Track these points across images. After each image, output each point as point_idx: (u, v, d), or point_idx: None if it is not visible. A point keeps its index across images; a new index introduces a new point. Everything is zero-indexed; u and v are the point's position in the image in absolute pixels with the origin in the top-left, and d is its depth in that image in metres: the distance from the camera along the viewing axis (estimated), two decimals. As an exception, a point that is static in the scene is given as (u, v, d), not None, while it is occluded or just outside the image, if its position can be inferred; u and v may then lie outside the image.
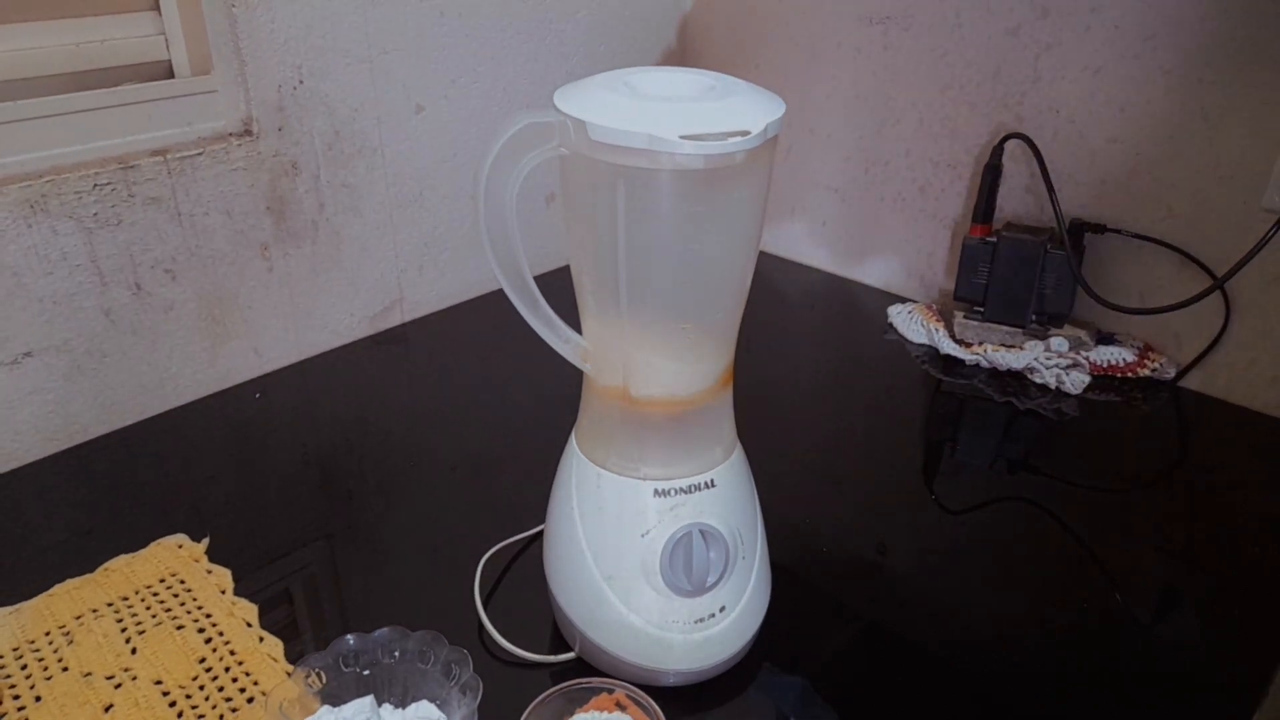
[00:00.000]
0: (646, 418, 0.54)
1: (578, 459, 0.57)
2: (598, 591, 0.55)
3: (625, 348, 0.52)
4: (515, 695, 0.48)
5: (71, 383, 0.79)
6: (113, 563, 0.66)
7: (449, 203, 1.03)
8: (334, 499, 0.75)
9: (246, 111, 0.84)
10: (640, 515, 0.54)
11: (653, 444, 0.54)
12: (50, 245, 0.75)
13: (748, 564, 0.56)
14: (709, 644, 0.55)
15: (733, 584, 0.55)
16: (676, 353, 0.52)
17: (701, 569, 0.53)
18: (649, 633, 0.54)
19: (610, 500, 0.55)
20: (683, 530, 0.53)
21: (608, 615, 0.55)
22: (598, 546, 0.55)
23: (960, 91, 0.99)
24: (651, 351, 0.52)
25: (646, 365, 0.52)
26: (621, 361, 0.53)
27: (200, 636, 0.60)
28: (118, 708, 0.55)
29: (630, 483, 0.54)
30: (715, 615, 0.55)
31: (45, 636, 0.59)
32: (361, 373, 0.94)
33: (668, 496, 0.54)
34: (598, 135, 0.45)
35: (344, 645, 0.53)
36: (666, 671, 0.55)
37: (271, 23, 0.83)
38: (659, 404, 0.53)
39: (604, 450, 0.55)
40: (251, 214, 0.87)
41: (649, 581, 0.54)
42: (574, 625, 0.57)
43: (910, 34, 1.02)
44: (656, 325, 0.51)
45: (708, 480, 0.54)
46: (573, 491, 0.56)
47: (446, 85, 0.98)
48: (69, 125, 0.76)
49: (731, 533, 0.54)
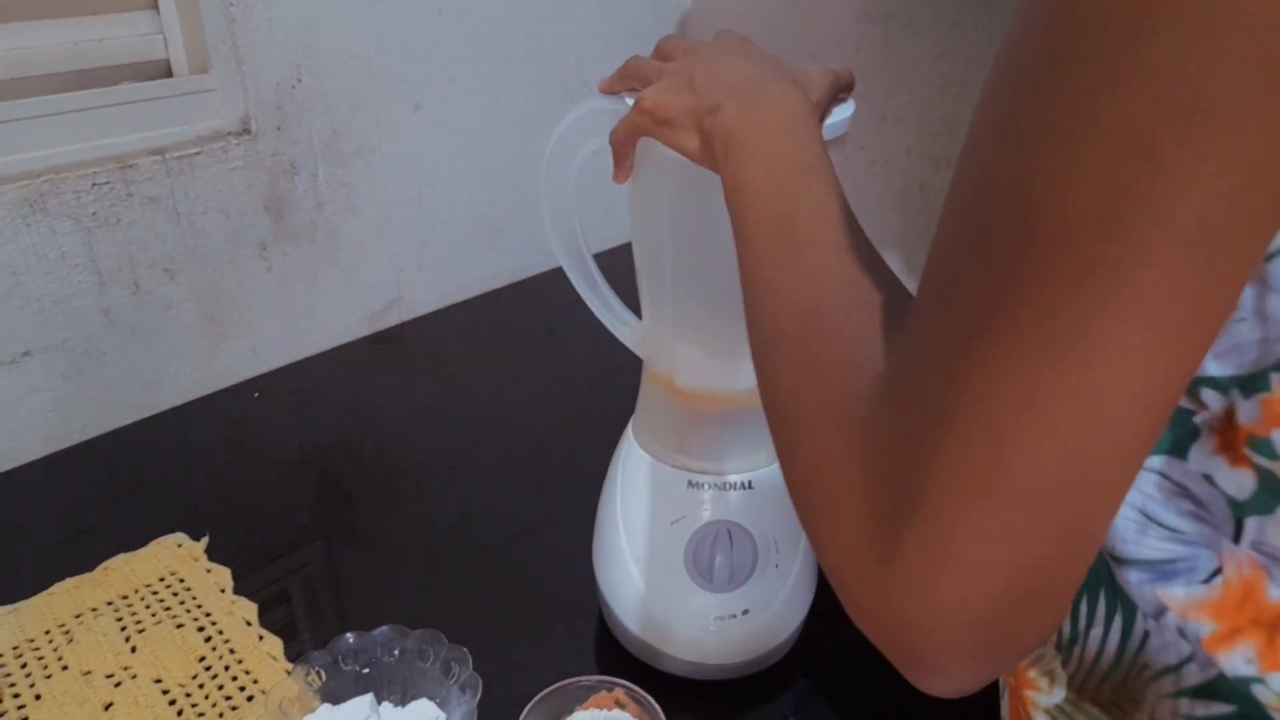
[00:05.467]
0: (688, 409, 0.55)
1: (627, 439, 0.58)
2: (626, 570, 0.56)
3: (671, 338, 0.53)
4: (514, 693, 0.48)
5: (70, 382, 0.79)
6: (112, 562, 0.66)
7: (447, 202, 1.03)
8: (333, 498, 0.75)
9: (245, 111, 0.84)
10: (673, 503, 0.55)
11: (692, 436, 0.55)
12: (49, 245, 0.75)
13: (782, 571, 0.55)
14: (725, 643, 0.55)
15: (759, 588, 0.55)
16: (720, 348, 0.53)
17: (724, 566, 0.54)
18: (666, 619, 0.55)
19: (647, 484, 0.56)
20: (711, 525, 0.54)
21: (632, 595, 0.56)
22: (631, 527, 0.56)
23: (961, 89, 0.99)
24: (696, 344, 0.53)
25: (690, 357, 0.53)
26: (668, 351, 0.54)
27: (200, 635, 0.60)
28: (117, 706, 0.55)
29: (667, 470, 0.55)
30: (736, 616, 0.55)
31: (45, 635, 0.59)
32: (360, 372, 0.94)
33: (701, 490, 0.54)
34: None
35: (343, 643, 0.53)
36: (678, 660, 0.56)
37: (269, 22, 0.83)
38: (701, 397, 0.54)
39: (648, 434, 0.57)
40: (250, 213, 0.87)
41: (672, 570, 0.54)
42: (603, 597, 0.58)
43: (910, 31, 1.02)
44: (701, 318, 0.52)
45: (745, 481, 0.55)
46: (619, 469, 0.58)
47: (445, 84, 0.98)
48: (67, 125, 0.76)
49: (763, 537, 0.55)
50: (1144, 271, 0.22)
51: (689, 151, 0.42)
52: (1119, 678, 0.34)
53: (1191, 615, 0.31)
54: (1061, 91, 0.22)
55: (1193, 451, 0.30)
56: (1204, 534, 0.31)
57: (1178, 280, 0.22)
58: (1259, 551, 0.30)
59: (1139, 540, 0.32)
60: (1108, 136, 0.22)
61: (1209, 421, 0.30)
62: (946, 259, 0.27)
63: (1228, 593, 0.30)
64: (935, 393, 0.26)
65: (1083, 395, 0.23)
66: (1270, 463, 0.29)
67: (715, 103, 0.41)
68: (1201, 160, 0.21)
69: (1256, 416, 0.28)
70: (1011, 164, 0.24)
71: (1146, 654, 0.33)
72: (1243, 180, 0.21)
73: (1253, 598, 0.30)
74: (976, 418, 0.24)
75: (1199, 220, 0.21)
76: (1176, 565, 0.31)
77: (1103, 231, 0.22)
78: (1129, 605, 0.33)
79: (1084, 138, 0.22)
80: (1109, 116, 0.22)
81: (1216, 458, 0.30)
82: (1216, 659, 0.31)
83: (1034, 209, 0.23)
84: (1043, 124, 0.23)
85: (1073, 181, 0.22)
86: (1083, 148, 0.22)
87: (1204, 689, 0.31)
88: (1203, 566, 0.31)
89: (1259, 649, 0.30)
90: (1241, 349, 0.28)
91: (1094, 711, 0.35)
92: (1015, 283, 0.23)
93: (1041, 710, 0.37)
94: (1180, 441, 0.31)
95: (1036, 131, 0.23)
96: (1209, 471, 0.30)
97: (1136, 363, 0.23)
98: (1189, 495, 0.31)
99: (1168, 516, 0.31)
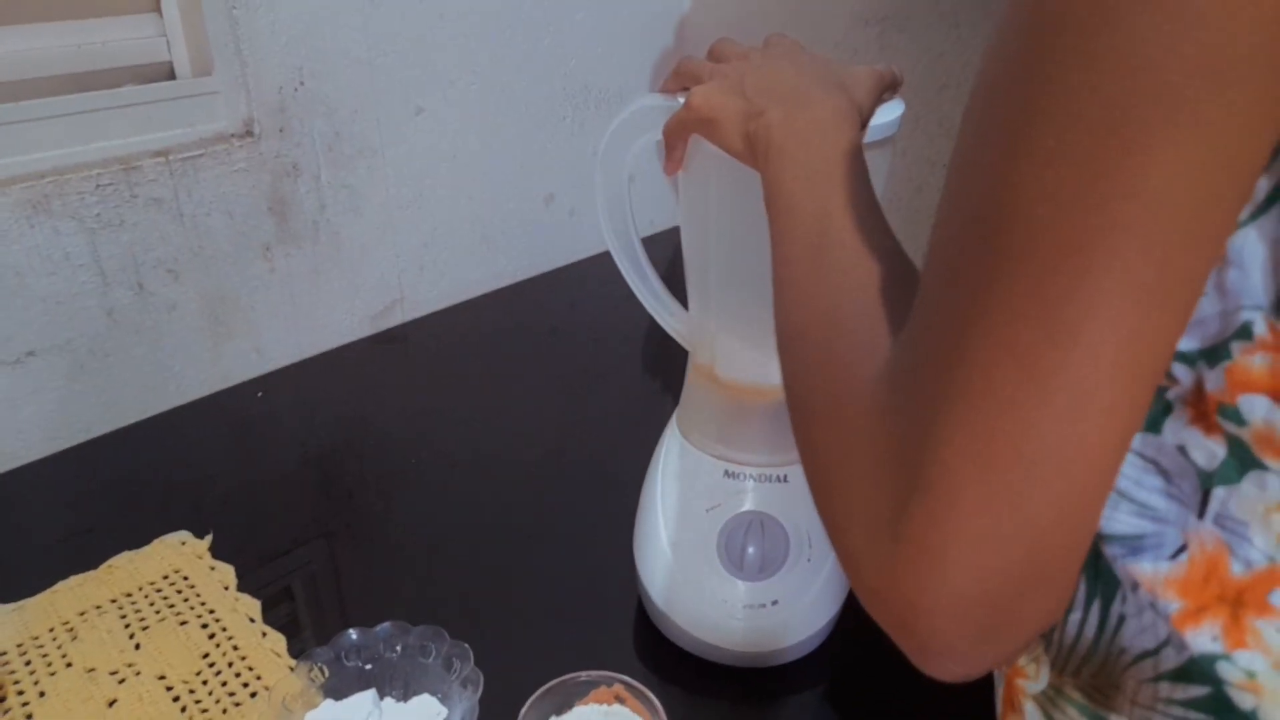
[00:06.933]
0: (729, 399, 0.56)
1: (671, 425, 0.60)
2: (662, 553, 0.57)
3: (714, 329, 0.55)
4: (516, 688, 0.49)
5: (74, 382, 0.80)
6: (116, 560, 0.66)
7: (449, 203, 1.04)
8: (335, 496, 0.76)
9: (248, 113, 0.85)
10: (709, 491, 0.56)
11: (731, 426, 0.56)
12: (53, 245, 0.75)
13: (814, 566, 0.56)
14: (754, 632, 0.56)
15: (791, 580, 0.56)
16: (761, 341, 0.54)
17: (756, 556, 0.55)
18: (698, 605, 0.56)
19: (686, 470, 0.57)
20: (744, 515, 0.55)
21: (666, 578, 0.57)
22: (670, 511, 0.58)
23: (957, 91, 1.00)
24: (737, 336, 0.54)
25: (732, 349, 0.55)
26: (711, 342, 0.55)
27: (204, 632, 0.60)
28: (121, 703, 0.55)
29: (705, 458, 0.57)
30: (766, 606, 0.55)
31: (49, 633, 0.60)
32: (362, 372, 0.95)
33: (737, 479, 0.56)
34: None
35: (346, 640, 0.53)
36: (708, 644, 0.57)
37: (272, 24, 0.83)
38: (741, 389, 0.55)
39: (690, 422, 0.58)
40: (253, 215, 0.87)
41: (705, 556, 0.55)
42: (639, 576, 0.59)
43: (906, 34, 1.03)
44: (743, 311, 0.53)
45: (781, 474, 0.56)
46: (661, 455, 0.60)
47: (446, 87, 0.99)
48: (71, 126, 0.76)
49: (796, 529, 0.55)
50: (1124, 242, 0.24)
51: (734, 150, 0.44)
52: (1098, 662, 0.35)
53: (1160, 592, 0.32)
54: (1038, 79, 0.24)
55: (1167, 425, 0.31)
56: (1171, 511, 0.32)
57: (1155, 250, 0.24)
58: (1221, 527, 0.31)
59: (1110, 515, 0.32)
60: (1082, 119, 0.23)
61: (1181, 395, 0.31)
62: (944, 244, 0.28)
63: (1192, 569, 0.31)
64: (938, 371, 0.27)
65: (1075, 363, 0.24)
66: (1238, 429, 0.30)
67: (762, 107, 0.43)
68: (1167, 140, 0.23)
69: (1222, 385, 0.30)
70: (997, 150, 0.26)
71: (1123, 638, 0.33)
72: (1205, 158, 0.23)
73: (1216, 574, 0.31)
74: (977, 391, 0.26)
75: (1169, 194, 0.23)
76: (1145, 541, 0.32)
77: (1082, 207, 0.24)
78: (1107, 588, 0.33)
79: (1061, 120, 0.24)
80: (1083, 100, 0.23)
81: (1191, 428, 0.31)
82: (1184, 637, 0.31)
83: (1019, 190, 0.25)
84: (1024, 111, 0.25)
85: (1054, 162, 0.24)
86: (1060, 129, 0.24)
87: (1180, 672, 0.32)
88: (1169, 543, 0.32)
89: (1224, 626, 0.31)
90: (1204, 322, 0.30)
91: (1076, 697, 0.36)
92: (1006, 261, 0.25)
93: (1030, 698, 0.38)
94: (1154, 418, 0.31)
95: (1018, 118, 0.25)
96: (1182, 442, 0.31)
97: (1123, 330, 0.24)
98: (1160, 470, 0.32)
99: (1138, 492, 0.32)
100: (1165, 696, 0.32)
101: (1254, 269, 0.28)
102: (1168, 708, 0.32)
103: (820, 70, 0.46)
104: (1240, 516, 0.30)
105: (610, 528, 0.66)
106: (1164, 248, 0.24)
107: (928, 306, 0.29)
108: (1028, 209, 0.25)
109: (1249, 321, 0.29)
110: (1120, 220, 0.23)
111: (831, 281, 0.36)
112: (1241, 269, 0.28)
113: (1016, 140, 0.25)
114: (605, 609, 0.63)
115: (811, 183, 0.40)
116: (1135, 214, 0.23)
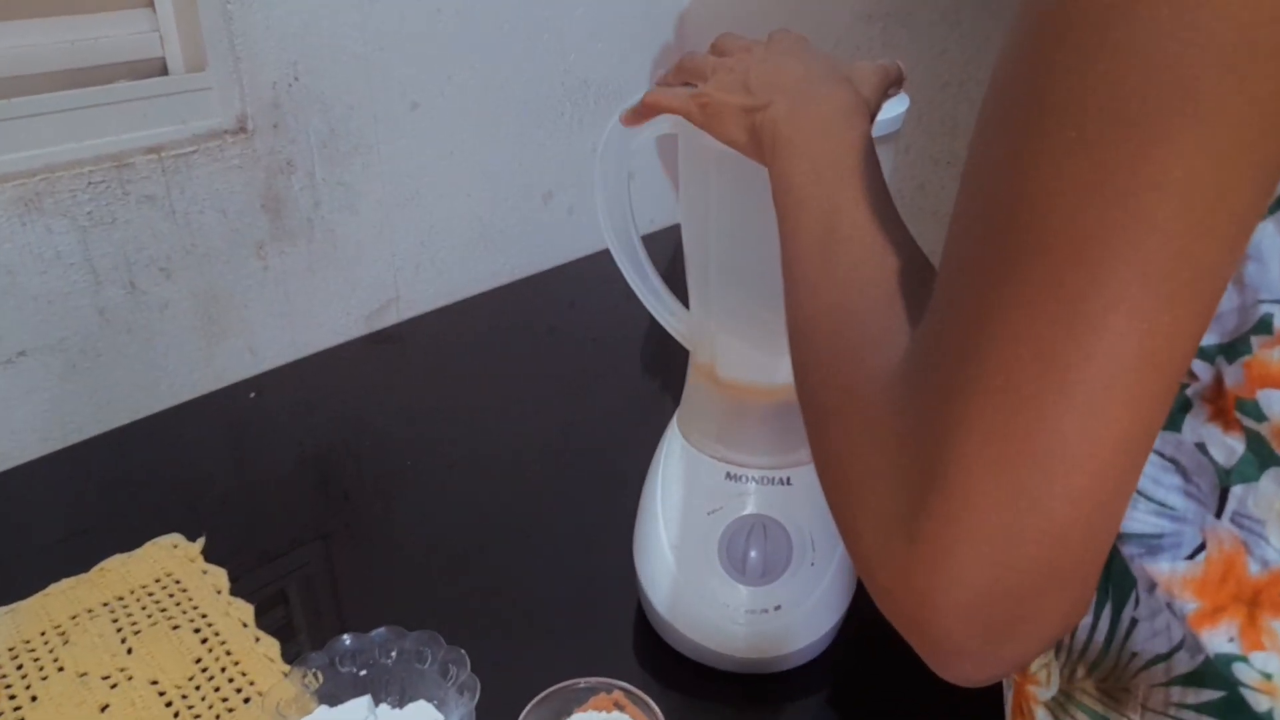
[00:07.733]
0: (729, 400, 0.55)
1: (672, 426, 0.59)
2: (663, 556, 0.57)
3: (715, 328, 0.54)
4: (513, 695, 0.48)
5: (66, 382, 0.79)
6: (108, 562, 0.65)
7: (445, 201, 1.03)
8: (330, 498, 0.75)
9: (241, 109, 0.84)
10: (710, 493, 0.55)
11: (732, 428, 0.55)
12: (44, 244, 0.75)
13: (817, 571, 0.55)
14: (756, 637, 0.55)
15: (793, 585, 0.55)
16: (761, 341, 0.53)
17: (758, 560, 0.54)
18: (699, 610, 0.55)
19: (687, 472, 0.57)
20: (746, 518, 0.54)
21: (666, 582, 0.57)
22: (670, 514, 0.57)
23: (960, 88, 0.99)
24: (738, 335, 0.54)
25: (732, 348, 0.54)
26: (711, 341, 0.55)
27: (196, 637, 0.59)
28: (114, 708, 0.55)
29: (706, 460, 0.56)
30: (768, 611, 0.55)
31: (41, 637, 0.59)
32: (357, 371, 0.94)
33: (739, 482, 0.55)
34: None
35: (341, 645, 0.53)
36: (709, 650, 0.56)
37: (266, 20, 0.82)
38: (742, 389, 0.54)
39: (690, 423, 0.58)
40: (247, 212, 0.86)
41: (707, 560, 0.55)
42: (640, 581, 0.59)
43: (908, 31, 1.02)
44: (744, 310, 0.53)
45: (784, 477, 0.55)
46: (662, 456, 0.59)
47: (443, 82, 0.98)
48: (63, 123, 0.75)
49: (799, 533, 0.55)
50: (1145, 235, 0.23)
51: (738, 145, 0.44)
52: (1108, 666, 0.34)
53: (1177, 592, 0.31)
54: (1059, 71, 0.24)
55: (1186, 422, 0.31)
56: (1190, 510, 0.31)
57: (1177, 242, 0.23)
58: (1238, 525, 0.30)
59: (1129, 514, 0.32)
60: (1103, 111, 0.23)
61: (1200, 391, 0.30)
62: (961, 238, 0.27)
63: (1210, 569, 0.31)
64: (955, 367, 0.26)
65: (1095, 357, 0.24)
66: (1257, 424, 0.29)
67: (767, 100, 0.42)
68: (1187, 132, 0.22)
69: (1241, 380, 0.29)
70: (1015, 143, 0.25)
71: (1135, 642, 0.33)
72: (1226, 150, 0.23)
73: (1234, 573, 0.30)
74: (995, 387, 0.25)
75: (1190, 186, 0.23)
76: (1163, 540, 0.32)
77: (1102, 199, 0.23)
78: (1119, 590, 0.33)
79: (1081, 112, 0.23)
80: (1103, 92, 0.23)
81: (1210, 424, 0.30)
82: (1200, 637, 0.31)
83: (1038, 182, 0.24)
84: (1043, 103, 0.24)
85: (1073, 154, 0.24)
86: (1080, 121, 0.23)
87: (1193, 676, 0.31)
88: (1187, 542, 0.31)
89: (1241, 627, 0.30)
90: (1222, 317, 0.29)
91: (1087, 703, 0.35)
92: (1025, 254, 0.25)
93: (1040, 705, 0.37)
94: (1173, 415, 0.31)
95: (1037, 110, 0.24)
96: (1202, 439, 0.31)
97: (1144, 324, 0.24)
98: (1179, 468, 0.31)
99: (1156, 491, 0.32)
100: (1177, 701, 0.32)
101: (1273, 262, 0.28)
102: (1180, 712, 0.32)
103: (825, 65, 0.45)
104: (1258, 515, 0.30)
105: (610, 530, 0.65)
106: (1185, 240, 0.23)
107: (944, 301, 0.28)
108: (1046, 201, 0.24)
109: (1268, 315, 0.28)
110: (1141, 212, 0.23)
111: (843, 276, 0.36)
112: (1260, 262, 0.28)
113: (1035, 133, 0.24)
114: (604, 613, 0.63)
115: (820, 176, 0.39)
116: (1156, 206, 0.23)
